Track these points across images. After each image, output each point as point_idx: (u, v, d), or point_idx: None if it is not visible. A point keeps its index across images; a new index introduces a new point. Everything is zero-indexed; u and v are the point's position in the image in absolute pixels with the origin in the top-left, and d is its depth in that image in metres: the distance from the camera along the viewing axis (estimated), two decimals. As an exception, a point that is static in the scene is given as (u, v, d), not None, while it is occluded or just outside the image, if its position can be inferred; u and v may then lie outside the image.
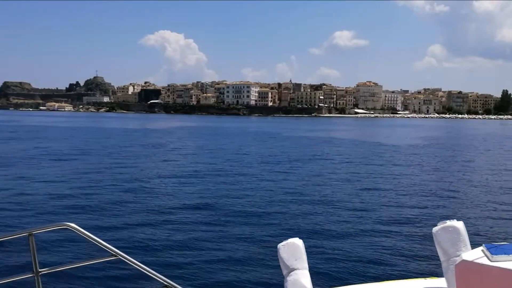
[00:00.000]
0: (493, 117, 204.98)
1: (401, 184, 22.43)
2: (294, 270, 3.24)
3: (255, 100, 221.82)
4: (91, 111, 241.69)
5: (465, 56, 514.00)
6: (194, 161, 32.61)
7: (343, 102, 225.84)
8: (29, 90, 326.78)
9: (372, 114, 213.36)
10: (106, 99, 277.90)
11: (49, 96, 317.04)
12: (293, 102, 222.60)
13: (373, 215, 15.24)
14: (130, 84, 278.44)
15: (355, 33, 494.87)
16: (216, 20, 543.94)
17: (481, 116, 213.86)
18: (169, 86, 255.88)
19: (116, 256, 2.38)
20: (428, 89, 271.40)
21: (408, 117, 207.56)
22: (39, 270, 2.36)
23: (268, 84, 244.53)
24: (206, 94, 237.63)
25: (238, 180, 23.29)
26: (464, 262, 2.86)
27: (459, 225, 3.23)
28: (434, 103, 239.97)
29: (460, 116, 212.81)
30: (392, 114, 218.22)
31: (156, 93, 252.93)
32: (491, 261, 2.75)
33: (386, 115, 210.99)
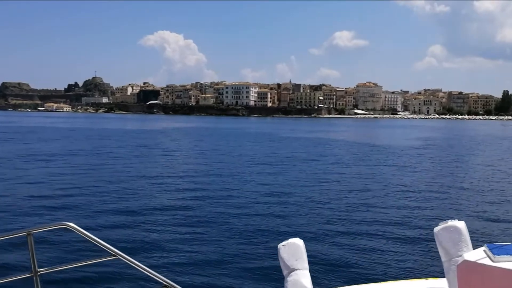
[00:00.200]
0: (493, 117, 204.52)
1: (402, 184, 22.37)
2: (294, 270, 3.23)
3: (254, 100, 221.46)
4: (90, 112, 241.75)
5: (465, 56, 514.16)
6: (193, 161, 32.57)
7: (343, 103, 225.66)
8: (27, 90, 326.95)
9: (371, 115, 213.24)
10: (105, 100, 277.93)
11: (47, 96, 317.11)
12: (292, 103, 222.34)
13: (374, 215, 15.19)
14: (129, 84, 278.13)
15: (355, 33, 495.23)
16: (215, 20, 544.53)
17: (481, 116, 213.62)
18: (168, 86, 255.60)
19: (115, 255, 2.37)
20: (428, 89, 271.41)
21: (408, 118, 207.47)
22: (38, 270, 2.34)
23: (267, 84, 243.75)
24: (205, 95, 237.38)
25: (238, 180, 23.24)
26: (466, 262, 2.85)
27: (461, 225, 3.21)
28: (435, 104, 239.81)
29: (460, 117, 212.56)
30: (392, 115, 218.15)
31: (155, 93, 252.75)
32: (493, 261, 2.74)
33: (386, 116, 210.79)
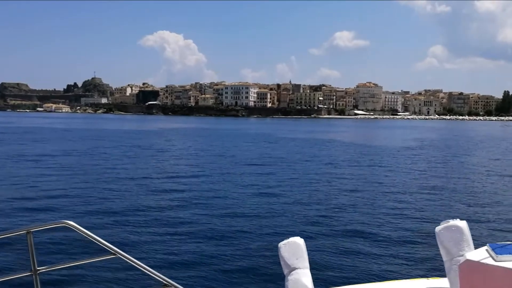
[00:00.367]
0: (494, 118, 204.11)
1: (403, 184, 22.37)
2: (295, 269, 3.21)
3: (254, 101, 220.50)
4: (89, 113, 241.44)
5: (466, 56, 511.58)
6: (193, 160, 32.62)
7: (343, 103, 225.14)
8: (26, 91, 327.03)
9: (371, 115, 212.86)
10: (104, 101, 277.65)
11: (46, 97, 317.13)
12: (292, 103, 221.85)
13: (375, 215, 15.17)
14: (128, 85, 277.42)
15: (356, 33, 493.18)
16: (215, 20, 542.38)
17: (482, 117, 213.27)
18: (167, 87, 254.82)
19: (115, 254, 2.36)
20: (429, 90, 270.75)
21: (408, 118, 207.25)
22: (37, 268, 2.33)
23: (267, 85, 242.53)
24: (204, 95, 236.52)
25: (239, 179, 23.23)
26: (468, 261, 2.83)
27: (462, 224, 3.20)
28: (435, 104, 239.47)
29: (460, 117, 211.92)
30: (392, 116, 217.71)
31: (154, 94, 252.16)
32: (496, 261, 2.72)
33: (386, 117, 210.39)
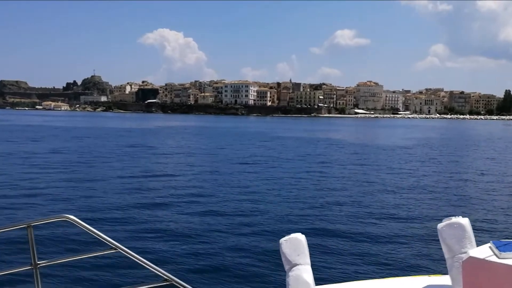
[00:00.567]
0: (495, 117, 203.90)
1: (405, 181, 22.39)
2: (296, 265, 3.21)
3: (254, 99, 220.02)
4: (88, 111, 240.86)
5: (468, 55, 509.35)
6: (193, 158, 32.75)
7: (343, 102, 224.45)
8: (25, 89, 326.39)
9: (372, 114, 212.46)
10: (103, 99, 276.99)
11: (46, 95, 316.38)
12: (292, 102, 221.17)
13: (377, 212, 15.14)
14: (128, 83, 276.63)
15: (357, 32, 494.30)
16: (216, 18, 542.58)
17: (483, 116, 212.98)
18: (167, 85, 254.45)
19: (115, 249, 2.36)
20: (429, 89, 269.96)
21: (409, 117, 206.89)
22: (38, 262, 2.34)
23: (267, 83, 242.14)
24: (204, 94, 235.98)
25: (239, 179, 23.28)
26: (471, 259, 2.83)
27: (464, 221, 3.18)
28: (436, 103, 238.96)
29: (461, 116, 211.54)
30: (392, 115, 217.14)
31: (153, 92, 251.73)
32: (499, 258, 2.72)
33: (386, 116, 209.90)
